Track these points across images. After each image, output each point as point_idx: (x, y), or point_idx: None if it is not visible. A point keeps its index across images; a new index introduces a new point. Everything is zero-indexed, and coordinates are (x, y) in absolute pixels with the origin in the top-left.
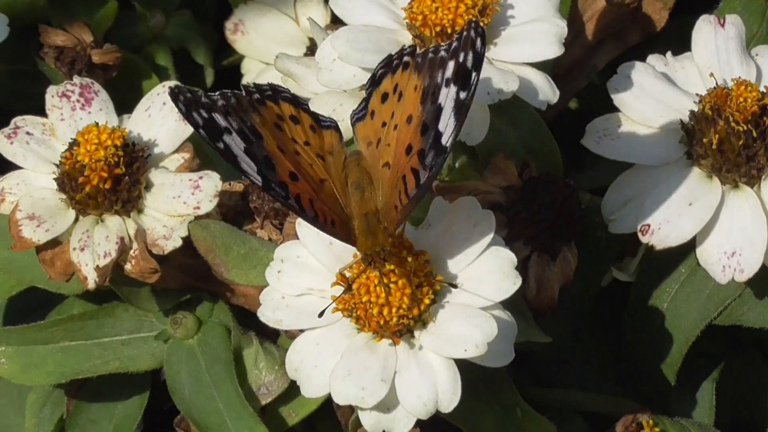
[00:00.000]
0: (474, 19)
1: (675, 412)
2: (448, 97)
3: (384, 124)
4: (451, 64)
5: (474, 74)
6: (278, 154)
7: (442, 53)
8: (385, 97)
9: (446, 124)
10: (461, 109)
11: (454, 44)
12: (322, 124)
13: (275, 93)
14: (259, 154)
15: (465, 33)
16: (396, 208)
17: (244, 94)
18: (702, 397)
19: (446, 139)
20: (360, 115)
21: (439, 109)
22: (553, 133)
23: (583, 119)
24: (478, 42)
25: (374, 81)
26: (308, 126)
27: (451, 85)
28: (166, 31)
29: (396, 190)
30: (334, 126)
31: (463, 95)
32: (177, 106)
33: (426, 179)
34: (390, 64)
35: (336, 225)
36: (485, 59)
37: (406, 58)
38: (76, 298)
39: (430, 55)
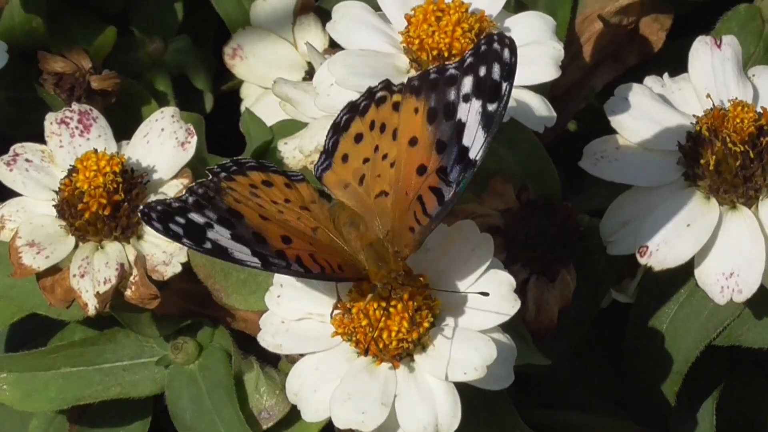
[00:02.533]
0: (496, 32)
1: None
2: (470, 111)
3: (366, 160)
4: (467, 80)
5: (505, 84)
6: (263, 224)
7: (451, 71)
8: (359, 138)
9: (473, 138)
10: (491, 122)
11: (469, 60)
12: (293, 179)
13: (240, 166)
14: (245, 233)
15: (484, 47)
16: (412, 229)
17: (210, 177)
18: (702, 418)
19: (475, 153)
20: (325, 165)
21: (460, 125)
22: (551, 155)
23: (582, 141)
24: (506, 53)
25: (339, 128)
26: (282, 185)
27: (473, 99)
28: (165, 57)
29: (409, 212)
30: (304, 178)
31: (492, 107)
32: (152, 226)
33: (452, 195)
34: (356, 108)
35: (344, 268)
36: None
37: (380, 94)
38: (77, 324)
39: (433, 75)
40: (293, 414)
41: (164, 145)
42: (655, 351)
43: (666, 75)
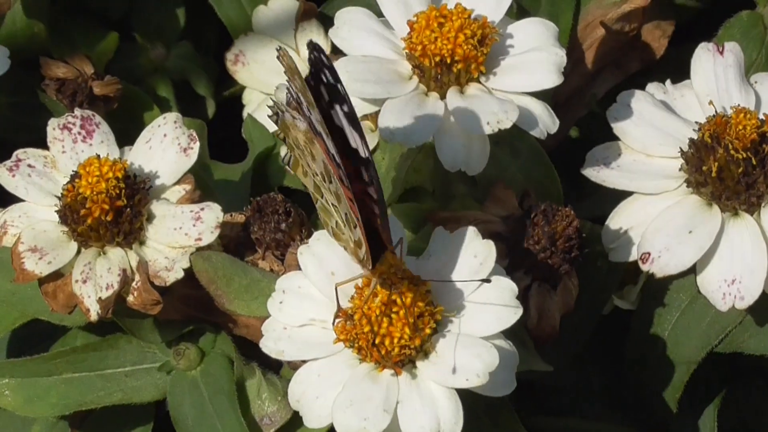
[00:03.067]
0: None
1: None
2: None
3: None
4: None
5: (339, 85)
6: None
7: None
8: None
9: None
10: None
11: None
12: None
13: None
14: None
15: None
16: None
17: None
18: (704, 424)
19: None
20: None
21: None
22: (553, 161)
23: (584, 148)
24: (323, 57)
25: None
26: None
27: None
28: (167, 63)
29: None
30: None
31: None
32: None
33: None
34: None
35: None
36: (485, 89)
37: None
38: (79, 330)
39: (286, 117)
40: (295, 420)
41: (167, 150)
42: (656, 358)
43: (668, 82)
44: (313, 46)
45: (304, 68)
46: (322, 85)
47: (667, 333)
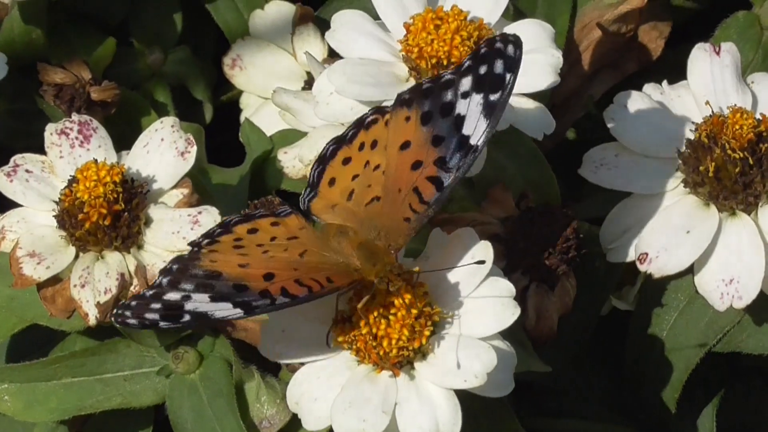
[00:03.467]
0: (498, 34)
1: None
2: (470, 105)
3: (355, 176)
4: (466, 80)
5: (509, 75)
6: (243, 271)
7: (447, 77)
8: (346, 161)
9: (474, 127)
10: (493, 110)
11: (467, 63)
12: (281, 215)
13: (225, 226)
14: (225, 289)
15: (484, 49)
16: (408, 219)
17: (189, 251)
18: (702, 425)
19: (476, 139)
20: (311, 195)
21: (459, 118)
22: (550, 163)
23: (581, 149)
24: (509, 48)
25: (325, 158)
26: (269, 226)
27: (473, 94)
28: (164, 68)
29: (404, 204)
30: (292, 212)
31: (494, 97)
32: (127, 325)
33: (452, 179)
34: (343, 139)
35: (334, 278)
36: None
37: (371, 118)
38: (78, 335)
39: (426, 85)
40: (294, 423)
41: (164, 155)
42: (655, 358)
43: (665, 82)
44: None
45: (302, 73)
46: None
47: (665, 333)
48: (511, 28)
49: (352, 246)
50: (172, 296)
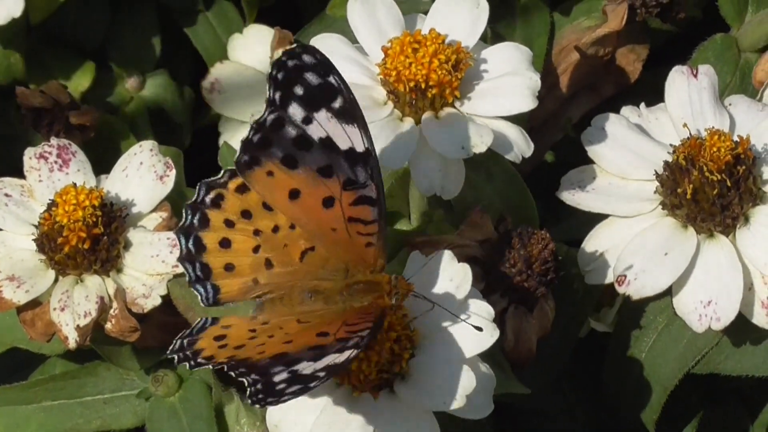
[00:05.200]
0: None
1: None
2: (323, 123)
3: (256, 249)
4: (293, 109)
5: (332, 77)
6: None
7: (271, 117)
8: (225, 243)
9: (348, 137)
10: (349, 112)
11: (278, 94)
12: None
13: None
14: None
15: (282, 73)
16: (370, 244)
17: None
18: None
19: (361, 146)
20: (212, 292)
21: (327, 141)
22: (529, 185)
23: (560, 171)
24: (306, 58)
25: (193, 253)
26: None
27: (314, 114)
28: (143, 92)
29: (352, 236)
30: None
31: (338, 103)
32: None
33: (377, 189)
34: (193, 227)
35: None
36: (460, 113)
37: (213, 194)
38: (57, 358)
39: (257, 138)
40: None
41: (143, 178)
42: (634, 380)
43: (643, 105)
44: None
45: None
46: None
47: (644, 355)
48: (488, 51)
49: (332, 298)
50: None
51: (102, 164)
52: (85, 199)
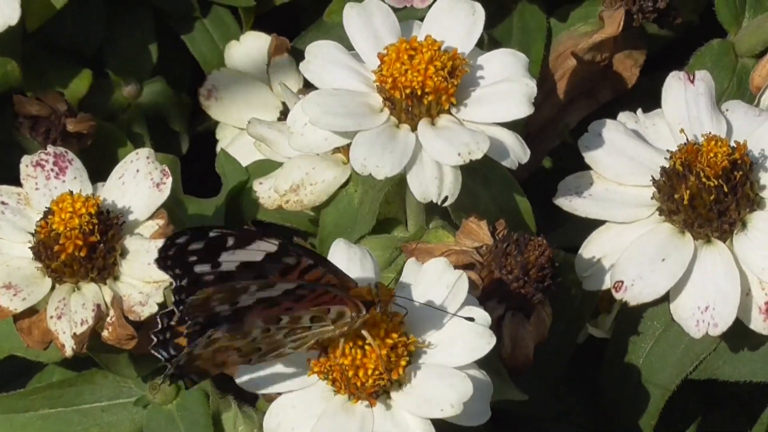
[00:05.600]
0: None
1: None
2: (229, 259)
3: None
4: (202, 268)
5: (206, 239)
6: None
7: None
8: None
9: (258, 249)
10: (242, 241)
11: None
12: None
13: None
14: None
15: (171, 268)
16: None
17: None
18: None
19: (273, 247)
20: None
21: (242, 264)
22: (526, 191)
23: (557, 178)
24: (177, 240)
25: None
26: None
27: (219, 259)
28: (140, 99)
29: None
30: None
31: (230, 242)
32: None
33: (313, 256)
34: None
35: None
36: (456, 120)
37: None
38: (55, 366)
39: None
40: None
41: (139, 186)
42: (631, 386)
43: (639, 111)
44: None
45: (277, 104)
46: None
47: (641, 360)
48: (484, 58)
49: None
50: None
51: (99, 172)
52: (81, 207)
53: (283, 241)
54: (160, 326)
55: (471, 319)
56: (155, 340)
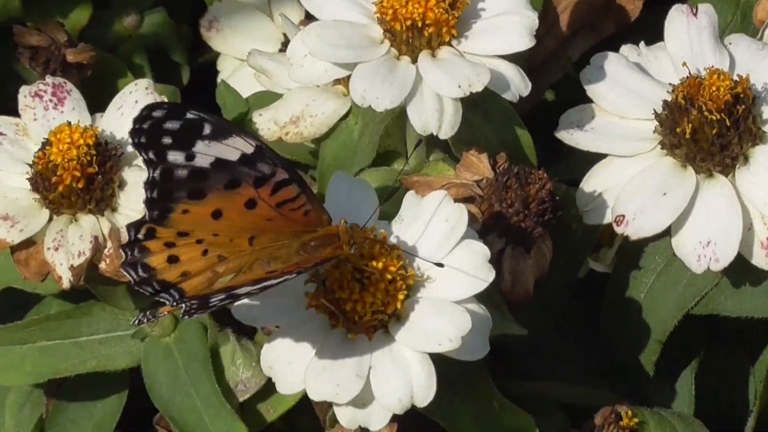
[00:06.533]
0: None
1: (654, 403)
2: (203, 150)
3: (205, 253)
4: (173, 155)
5: (189, 114)
6: None
7: (155, 174)
8: (172, 260)
9: (233, 147)
10: (219, 132)
11: (151, 154)
12: None
13: None
14: None
15: (144, 138)
16: (306, 212)
17: None
18: (681, 388)
19: (249, 148)
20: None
21: (217, 162)
22: (529, 125)
23: (560, 111)
24: (157, 113)
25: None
26: None
27: (190, 150)
28: (141, 30)
29: (290, 218)
30: None
31: (207, 130)
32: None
33: (287, 170)
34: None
35: None
36: (457, 52)
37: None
38: (53, 298)
39: (151, 196)
40: (269, 386)
41: None
42: (632, 321)
43: (642, 44)
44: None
45: (279, 35)
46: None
47: (642, 296)
48: None
49: (289, 256)
50: None
51: (99, 103)
52: (79, 137)
53: (261, 143)
54: (127, 239)
55: (470, 253)
56: (124, 256)
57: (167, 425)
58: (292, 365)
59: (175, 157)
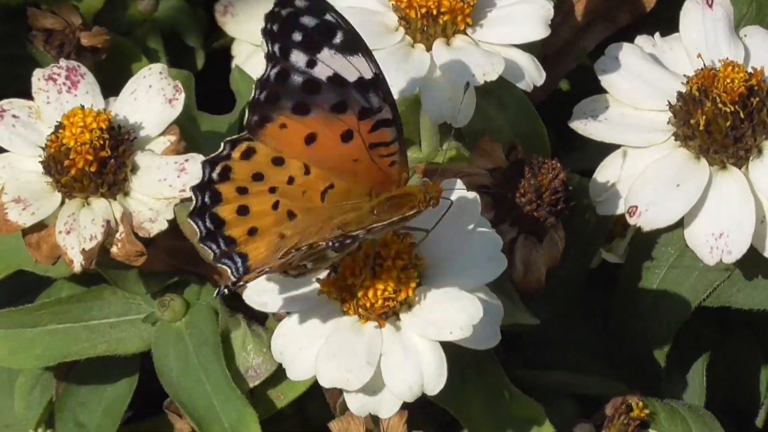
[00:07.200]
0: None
1: (665, 394)
2: (330, 62)
3: (276, 205)
4: (295, 56)
5: (328, 14)
6: None
7: (274, 72)
8: (243, 210)
9: (355, 68)
10: (351, 44)
11: (277, 46)
12: None
13: None
14: None
15: (276, 25)
16: (393, 163)
17: None
18: (692, 379)
19: (369, 72)
20: (242, 262)
21: (335, 78)
22: (543, 114)
23: (574, 101)
24: (298, 3)
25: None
26: None
27: (317, 55)
28: (156, 14)
29: (376, 161)
30: None
31: (338, 39)
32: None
33: (393, 111)
34: (206, 206)
35: None
36: (471, 41)
37: (218, 170)
38: (64, 281)
39: (262, 94)
40: (280, 372)
41: (152, 101)
42: (644, 312)
43: (657, 34)
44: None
45: None
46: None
47: (655, 287)
48: None
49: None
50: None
51: (113, 87)
52: (92, 121)
53: (380, 72)
54: (194, 204)
55: (483, 242)
56: (194, 201)
57: (177, 410)
58: (303, 351)
59: (298, 58)
